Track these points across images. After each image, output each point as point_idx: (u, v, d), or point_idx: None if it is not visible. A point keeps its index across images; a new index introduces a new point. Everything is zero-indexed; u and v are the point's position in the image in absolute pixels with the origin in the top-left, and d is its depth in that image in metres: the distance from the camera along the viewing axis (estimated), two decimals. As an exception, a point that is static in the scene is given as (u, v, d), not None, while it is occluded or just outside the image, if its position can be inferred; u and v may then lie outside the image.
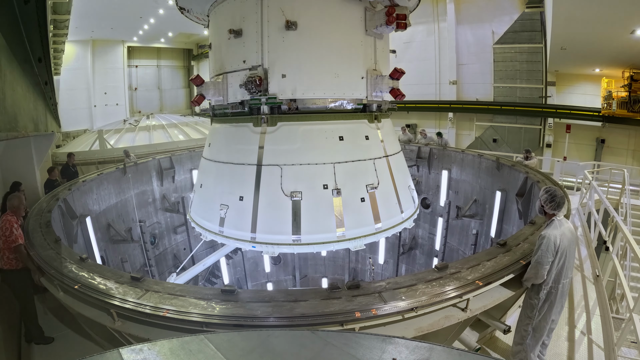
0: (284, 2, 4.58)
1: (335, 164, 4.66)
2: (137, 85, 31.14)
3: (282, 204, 4.53)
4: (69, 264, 3.80)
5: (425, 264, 10.57)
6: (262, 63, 4.65)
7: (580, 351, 3.80)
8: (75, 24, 17.69)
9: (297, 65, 4.65)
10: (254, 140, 4.74)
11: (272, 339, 1.80)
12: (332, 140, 4.75)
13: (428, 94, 19.94)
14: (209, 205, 5.12)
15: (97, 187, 7.68)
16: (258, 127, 4.74)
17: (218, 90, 4.98)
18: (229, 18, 4.90)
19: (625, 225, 5.68)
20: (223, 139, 5.24)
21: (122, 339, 3.23)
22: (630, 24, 11.32)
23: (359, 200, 4.73)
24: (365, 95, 5.00)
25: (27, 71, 5.92)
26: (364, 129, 5.00)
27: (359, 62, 4.93)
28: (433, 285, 3.16)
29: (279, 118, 4.69)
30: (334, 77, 4.75)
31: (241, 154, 4.83)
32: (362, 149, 4.91)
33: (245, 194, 4.69)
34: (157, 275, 9.15)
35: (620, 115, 14.13)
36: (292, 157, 4.63)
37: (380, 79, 4.98)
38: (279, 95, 4.65)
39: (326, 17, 4.72)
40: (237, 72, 4.84)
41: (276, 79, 4.64)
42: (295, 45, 4.62)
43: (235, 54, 4.86)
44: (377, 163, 4.97)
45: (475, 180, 8.93)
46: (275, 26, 4.57)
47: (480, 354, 1.70)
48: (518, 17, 16.63)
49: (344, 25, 4.80)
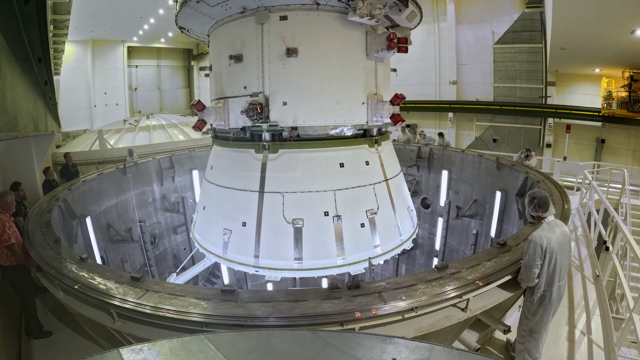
0: (284, 29, 4.59)
1: (335, 191, 4.72)
2: (137, 85, 31.14)
3: (284, 231, 4.60)
4: (69, 264, 3.80)
5: (425, 264, 10.57)
6: (263, 90, 4.68)
7: (580, 351, 3.80)
8: (75, 24, 17.70)
9: (298, 92, 4.67)
10: (255, 167, 4.79)
11: (272, 339, 1.80)
12: (333, 168, 4.79)
13: (428, 94, 19.94)
14: (212, 229, 5.19)
15: (97, 187, 7.67)
16: (259, 154, 4.79)
17: (219, 115, 5.01)
18: (229, 42, 4.92)
19: (625, 225, 5.68)
20: (225, 163, 5.27)
21: (122, 339, 3.23)
22: (630, 24, 11.31)
23: (359, 226, 4.80)
24: (366, 121, 5.02)
25: (27, 71, 5.93)
26: (364, 154, 5.04)
27: (360, 88, 4.93)
28: (433, 285, 3.16)
29: (280, 145, 4.74)
30: (334, 104, 4.76)
31: (243, 180, 4.88)
32: (362, 174, 4.96)
33: (248, 220, 4.78)
34: (157, 275, 9.15)
35: (620, 115, 14.13)
36: (294, 184, 4.68)
37: (381, 105, 4.97)
38: (280, 123, 4.68)
39: (327, 42, 4.71)
40: (237, 97, 4.87)
41: (277, 107, 4.66)
42: (296, 72, 4.63)
43: (235, 79, 4.88)
44: (377, 188, 5.03)
45: (475, 180, 8.93)
46: (276, 53, 4.59)
47: (480, 354, 1.70)
48: (518, 17, 16.63)
49: (345, 51, 4.79)
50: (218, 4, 4.58)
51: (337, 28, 4.68)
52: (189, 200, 10.25)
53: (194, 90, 33.74)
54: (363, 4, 4.32)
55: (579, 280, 5.33)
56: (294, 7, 4.55)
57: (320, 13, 4.59)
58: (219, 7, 4.68)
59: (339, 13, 4.67)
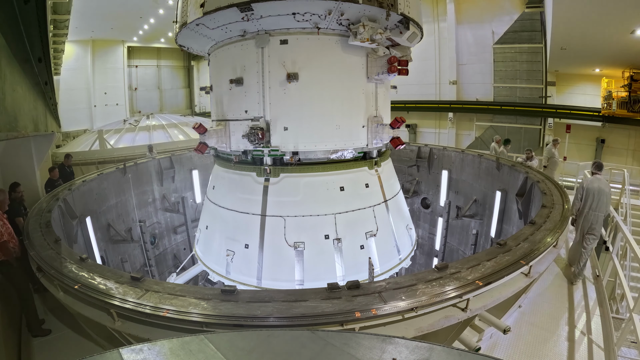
0: (284, 53, 4.58)
1: (336, 214, 4.78)
2: (137, 85, 31.16)
3: (286, 253, 4.66)
4: (69, 264, 3.80)
5: (425, 264, 10.57)
6: (264, 115, 4.69)
7: (580, 351, 3.80)
8: (75, 24, 17.71)
9: (298, 118, 4.68)
10: (257, 191, 4.84)
11: (272, 339, 1.80)
12: (334, 192, 4.83)
13: (428, 94, 19.96)
14: (215, 249, 5.25)
15: (97, 187, 7.67)
16: (261, 178, 4.83)
17: (220, 138, 5.03)
18: (229, 65, 4.92)
19: (625, 225, 5.68)
20: (227, 184, 5.31)
21: (122, 339, 3.23)
22: (630, 24, 11.32)
23: (359, 248, 4.86)
24: (366, 144, 5.04)
25: (27, 71, 5.93)
26: (364, 177, 5.07)
27: (360, 111, 4.94)
28: (433, 285, 3.16)
29: (282, 169, 4.78)
30: (335, 129, 4.78)
31: (245, 203, 4.93)
32: (362, 197, 4.99)
33: (250, 242, 4.84)
34: (157, 275, 9.15)
35: (620, 115, 14.14)
36: (295, 209, 4.74)
37: (381, 128, 4.99)
38: (281, 148, 4.72)
39: (328, 67, 4.70)
40: (239, 121, 4.89)
41: (278, 132, 4.69)
42: (297, 98, 4.64)
43: (236, 103, 4.90)
44: (376, 210, 5.07)
45: (475, 180, 8.93)
46: (277, 78, 4.60)
47: (480, 354, 1.70)
48: (518, 17, 16.63)
49: (346, 75, 4.79)
50: (218, 27, 4.58)
51: (338, 52, 4.67)
52: (189, 200, 10.24)
53: (194, 90, 33.76)
54: (364, 29, 4.31)
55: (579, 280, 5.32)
56: (294, 30, 4.53)
57: (321, 37, 4.57)
58: (218, 30, 4.67)
59: (340, 36, 4.64)
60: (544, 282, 5.17)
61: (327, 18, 4.33)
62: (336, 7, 4.14)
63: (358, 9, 4.23)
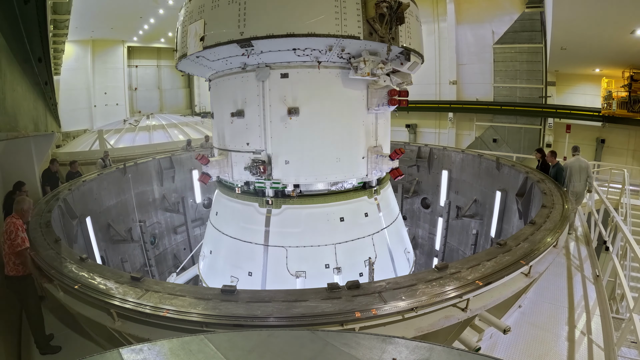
0: (285, 88, 4.58)
1: (336, 244, 4.84)
2: (137, 85, 31.11)
3: (288, 281, 4.73)
4: (69, 264, 3.80)
5: (425, 264, 10.57)
6: (266, 148, 4.73)
7: (580, 351, 3.79)
8: (75, 24, 17.70)
9: (299, 152, 4.72)
10: (260, 221, 4.92)
11: (272, 339, 1.80)
12: (334, 222, 4.90)
13: (428, 94, 19.95)
14: (219, 274, 5.32)
15: (97, 187, 7.67)
16: (263, 208, 4.89)
17: (223, 169, 5.09)
18: (230, 95, 4.94)
19: (625, 225, 5.67)
20: (230, 212, 5.37)
21: (122, 339, 3.22)
22: (630, 24, 11.32)
23: (358, 275, 4.92)
24: (366, 174, 5.08)
25: (27, 71, 5.93)
26: (364, 206, 5.12)
27: (360, 143, 4.96)
28: (433, 285, 3.16)
29: (283, 201, 4.84)
30: (335, 162, 4.82)
31: (248, 232, 5.01)
32: (362, 226, 5.06)
33: (253, 270, 4.92)
34: (157, 275, 9.15)
35: (620, 115, 14.14)
36: (296, 239, 4.81)
37: (381, 159, 5.01)
38: (282, 180, 4.77)
39: (328, 100, 4.71)
40: (240, 152, 4.93)
41: (280, 165, 4.73)
42: (298, 132, 4.66)
43: (238, 135, 4.93)
44: (375, 238, 5.13)
45: (475, 180, 8.93)
46: (278, 112, 4.61)
47: (480, 354, 1.70)
48: (518, 17, 16.63)
49: (346, 107, 4.80)
50: (218, 59, 4.60)
51: (338, 85, 4.67)
52: (189, 200, 10.25)
53: (194, 90, 33.71)
54: (365, 65, 4.32)
55: (579, 280, 5.32)
56: (295, 64, 4.53)
57: (322, 70, 4.57)
58: (219, 62, 4.69)
59: (340, 69, 4.64)
60: (544, 282, 5.17)
61: (327, 53, 4.35)
62: (337, 43, 4.15)
63: (359, 45, 4.25)
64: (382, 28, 4.06)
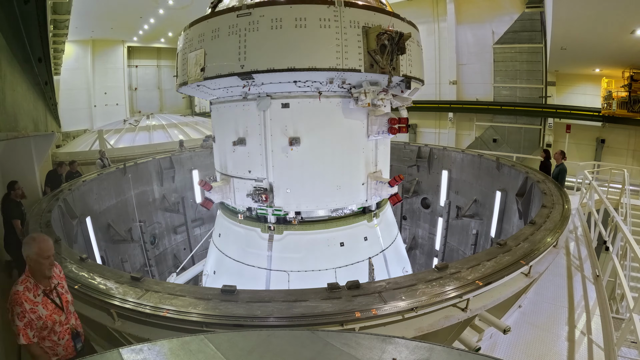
0: (286, 118, 4.61)
1: (336, 268, 4.92)
2: (137, 85, 31.11)
3: None
4: (69, 264, 3.80)
5: (425, 264, 10.58)
6: (267, 177, 4.78)
7: (580, 351, 3.79)
8: (75, 24, 17.69)
9: (300, 180, 4.78)
10: (262, 246, 5.00)
11: (272, 339, 1.80)
12: (334, 247, 4.98)
13: (428, 94, 19.92)
14: None
15: (97, 187, 7.67)
16: (266, 234, 4.96)
17: (225, 194, 5.14)
18: (231, 123, 4.98)
19: (625, 225, 5.67)
20: (232, 236, 5.44)
21: (122, 339, 3.23)
22: (630, 24, 11.32)
23: None
24: (365, 199, 5.13)
25: (27, 71, 5.92)
26: (363, 231, 5.19)
27: (360, 170, 5.01)
28: (433, 285, 3.16)
29: (285, 227, 4.92)
30: (335, 189, 4.89)
31: (251, 256, 5.09)
32: (361, 250, 5.13)
33: None
34: (157, 275, 9.15)
35: (620, 115, 14.13)
36: (298, 264, 4.90)
37: (380, 186, 5.06)
38: (284, 208, 4.84)
39: (329, 129, 4.75)
40: (242, 179, 4.99)
41: (282, 194, 4.80)
42: (299, 162, 4.71)
43: (240, 162, 4.99)
44: (374, 260, 5.19)
45: (475, 180, 8.93)
46: (279, 142, 4.65)
47: (480, 354, 1.70)
48: (518, 17, 16.62)
49: (347, 136, 4.84)
50: (219, 88, 4.64)
51: (339, 114, 4.70)
52: (189, 200, 10.25)
53: (194, 90, 33.70)
54: (365, 96, 4.36)
55: (579, 280, 5.32)
56: (295, 94, 4.55)
57: (323, 100, 4.60)
58: (220, 90, 4.74)
59: (341, 98, 4.67)
60: (544, 282, 5.17)
61: (328, 85, 4.38)
62: (338, 76, 4.19)
63: (360, 77, 4.28)
64: (383, 59, 4.07)
